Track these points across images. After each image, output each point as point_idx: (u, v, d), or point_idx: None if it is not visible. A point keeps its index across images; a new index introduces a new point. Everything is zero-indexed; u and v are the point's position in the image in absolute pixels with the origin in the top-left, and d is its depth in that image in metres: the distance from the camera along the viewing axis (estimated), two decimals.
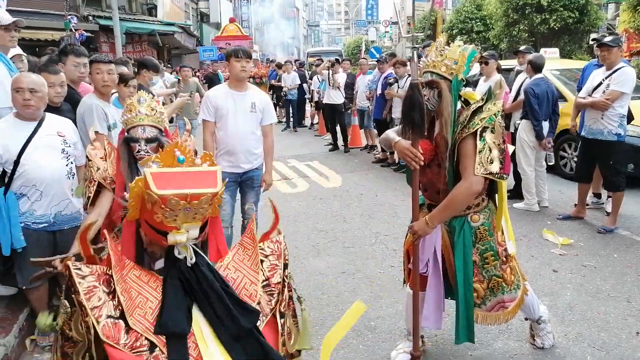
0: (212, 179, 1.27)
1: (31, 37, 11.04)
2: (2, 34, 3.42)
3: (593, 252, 4.47)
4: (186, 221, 1.26)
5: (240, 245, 1.50)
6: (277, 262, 1.50)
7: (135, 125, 2.37)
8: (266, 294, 1.44)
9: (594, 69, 5.44)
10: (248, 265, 1.45)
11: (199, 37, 26.08)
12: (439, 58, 2.47)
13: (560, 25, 14.05)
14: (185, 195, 1.21)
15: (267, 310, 1.43)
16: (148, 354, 1.26)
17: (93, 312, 1.26)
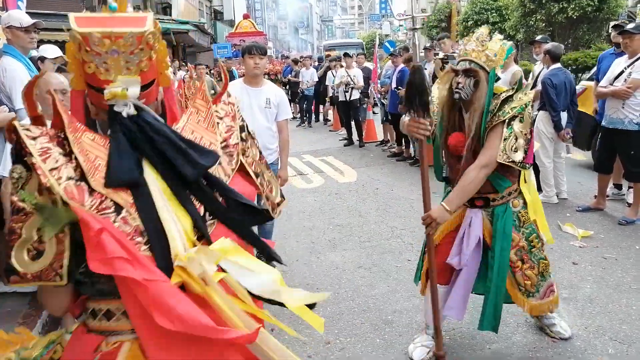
0: (141, 21, 1.18)
1: (49, 39, 11.21)
2: (22, 35, 3.49)
3: (614, 244, 4.40)
4: (119, 72, 1.17)
5: (194, 107, 1.42)
6: (232, 123, 1.43)
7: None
8: (226, 155, 1.38)
9: (611, 58, 5.33)
10: (204, 127, 1.38)
11: (213, 34, 26.23)
12: (479, 48, 2.49)
13: (579, 14, 13.78)
14: (108, 34, 1.12)
15: (228, 170, 1.37)
16: (115, 215, 1.18)
17: (52, 173, 1.14)
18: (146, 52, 1.18)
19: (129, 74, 1.18)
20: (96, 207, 1.16)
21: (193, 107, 1.42)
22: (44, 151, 1.17)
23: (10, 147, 1.21)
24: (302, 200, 6.22)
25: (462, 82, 2.48)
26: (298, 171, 7.87)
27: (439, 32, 17.97)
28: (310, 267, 4.22)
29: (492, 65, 2.49)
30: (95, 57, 1.15)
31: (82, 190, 1.16)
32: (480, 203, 2.68)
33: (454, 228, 2.76)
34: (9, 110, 3.28)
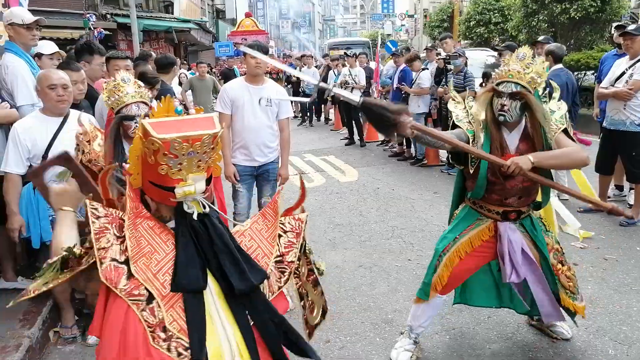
0: (210, 122, 1.24)
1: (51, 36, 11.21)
2: (24, 32, 3.49)
3: (615, 244, 4.39)
4: (191, 170, 1.22)
5: (262, 215, 1.43)
6: (294, 239, 1.42)
7: (127, 104, 2.46)
8: (277, 270, 1.37)
9: (613, 59, 5.33)
10: (265, 237, 1.39)
11: (215, 33, 26.22)
12: (526, 70, 2.45)
13: (581, 15, 13.73)
14: (187, 137, 1.18)
15: (275, 287, 1.35)
16: (145, 304, 1.22)
17: (99, 252, 1.23)
18: (214, 150, 1.25)
19: (198, 171, 1.24)
20: (129, 292, 1.22)
21: (261, 214, 1.45)
22: (101, 230, 1.26)
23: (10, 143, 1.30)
24: None
25: (507, 104, 2.44)
26: (299, 170, 7.87)
27: (441, 32, 17.95)
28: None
29: (536, 86, 2.47)
30: (171, 160, 1.19)
31: (120, 273, 1.23)
32: (513, 216, 2.68)
33: (484, 240, 2.72)
34: (11, 107, 3.28)
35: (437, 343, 3.04)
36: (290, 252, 1.40)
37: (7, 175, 2.89)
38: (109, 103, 2.54)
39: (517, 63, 2.46)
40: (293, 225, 1.44)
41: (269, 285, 1.33)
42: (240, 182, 3.79)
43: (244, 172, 3.81)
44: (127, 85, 2.51)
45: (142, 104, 2.52)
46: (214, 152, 1.25)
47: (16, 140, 2.88)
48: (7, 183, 2.89)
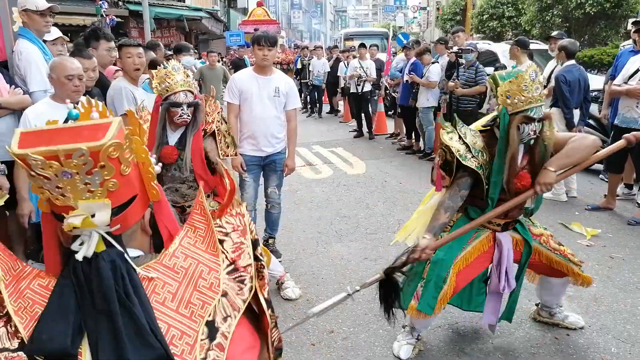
0: (100, 130, 0.90)
1: (63, 22, 11.27)
2: (38, 19, 3.52)
3: (622, 243, 4.38)
4: (80, 196, 0.90)
5: (189, 225, 1.11)
6: (241, 239, 1.11)
7: (176, 92, 2.63)
8: (234, 282, 1.06)
9: (629, 55, 5.26)
10: (202, 248, 1.07)
11: (226, 22, 26.18)
12: (540, 88, 2.50)
13: (597, 10, 13.57)
14: (51, 153, 0.86)
15: (238, 303, 1.04)
16: None
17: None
18: (110, 168, 0.90)
19: (92, 197, 0.91)
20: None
21: (189, 224, 1.11)
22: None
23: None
24: (310, 191, 6.24)
25: (535, 129, 2.48)
26: (307, 161, 7.89)
27: (454, 25, 17.78)
28: (316, 257, 4.25)
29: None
30: (44, 182, 0.90)
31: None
32: (512, 226, 2.75)
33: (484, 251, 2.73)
34: (24, 93, 3.32)
35: (440, 337, 3.06)
36: (242, 254, 1.10)
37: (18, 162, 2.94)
38: (159, 89, 2.70)
39: (537, 85, 2.46)
40: (233, 223, 1.13)
41: (231, 304, 1.03)
42: (247, 172, 3.83)
43: (250, 162, 3.84)
44: (177, 74, 2.67)
45: (189, 92, 2.68)
46: (108, 171, 0.90)
47: (27, 127, 2.92)
48: (18, 169, 2.94)
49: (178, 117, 2.67)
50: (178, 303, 0.99)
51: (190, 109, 2.70)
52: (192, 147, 2.81)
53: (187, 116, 2.70)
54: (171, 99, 2.66)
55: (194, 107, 2.73)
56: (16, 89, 3.28)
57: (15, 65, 3.45)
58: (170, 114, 2.72)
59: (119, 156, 0.91)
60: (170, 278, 1.01)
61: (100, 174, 0.90)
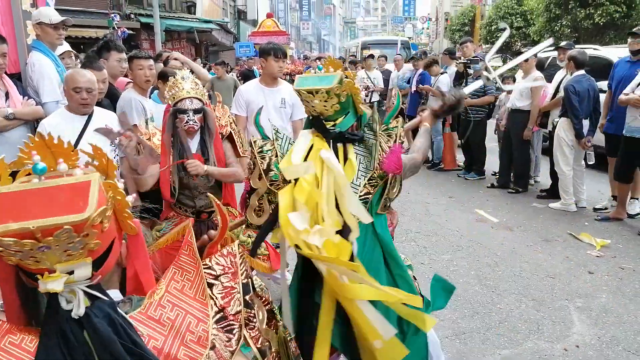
0: (78, 197, 0.80)
1: (76, 35, 11.47)
2: (51, 32, 3.59)
3: (632, 254, 4.33)
4: (57, 261, 0.82)
5: (177, 267, 1.02)
6: (231, 283, 1.04)
7: (182, 98, 2.69)
8: (222, 332, 0.99)
9: (626, 65, 5.26)
10: (191, 295, 0.99)
11: (236, 34, 26.47)
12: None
13: (606, 20, 13.53)
14: (30, 232, 0.76)
15: (225, 356, 0.97)
16: None
17: None
18: (93, 234, 0.82)
19: (71, 259, 0.83)
20: None
21: (176, 266, 1.04)
22: None
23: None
24: None
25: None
26: None
27: (462, 35, 17.83)
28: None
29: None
30: (16, 254, 0.80)
31: None
32: None
33: None
34: (37, 104, 3.39)
35: (447, 347, 3.04)
36: (231, 300, 1.03)
37: None
38: (168, 97, 2.76)
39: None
40: (224, 264, 1.06)
41: (219, 357, 0.96)
42: None
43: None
44: (185, 82, 2.75)
45: (196, 99, 2.73)
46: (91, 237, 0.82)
47: None
48: None
49: (184, 123, 2.70)
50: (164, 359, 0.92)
51: (197, 116, 2.73)
52: (215, 153, 2.86)
53: (193, 122, 2.72)
54: (177, 106, 2.71)
55: (202, 114, 2.76)
56: (29, 100, 3.34)
57: (29, 77, 3.53)
58: (178, 121, 2.77)
59: (102, 219, 0.84)
60: (156, 332, 0.93)
61: (83, 241, 0.82)
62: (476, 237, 4.82)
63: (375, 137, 1.95)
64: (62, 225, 0.77)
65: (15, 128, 3.24)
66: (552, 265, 4.15)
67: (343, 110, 1.94)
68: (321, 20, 62.24)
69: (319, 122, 1.95)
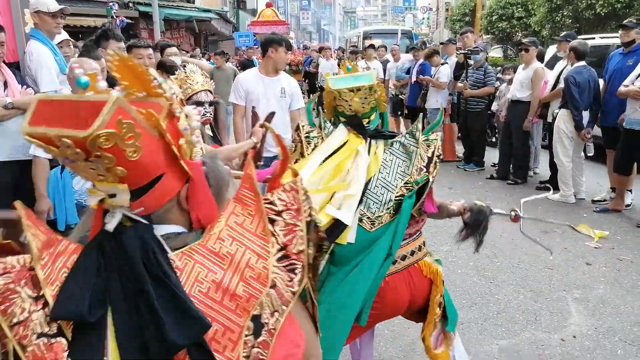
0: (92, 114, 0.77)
1: (75, 24, 11.39)
2: (49, 20, 3.57)
3: (630, 246, 4.35)
4: (94, 179, 0.84)
5: (237, 201, 0.97)
6: (294, 220, 0.96)
7: (198, 91, 2.75)
8: (284, 271, 0.93)
9: (619, 57, 5.27)
10: (251, 230, 0.94)
11: (235, 23, 26.30)
12: None
13: (607, 11, 13.45)
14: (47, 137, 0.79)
15: (287, 295, 0.92)
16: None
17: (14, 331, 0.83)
18: (108, 158, 0.79)
19: (105, 180, 0.84)
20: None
21: (236, 200, 0.97)
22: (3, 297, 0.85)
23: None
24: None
25: None
26: None
27: (463, 26, 17.73)
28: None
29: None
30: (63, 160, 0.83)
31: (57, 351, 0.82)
32: None
33: None
34: (34, 93, 3.37)
35: None
36: (294, 238, 0.95)
37: (36, 159, 2.98)
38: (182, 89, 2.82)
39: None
40: (286, 199, 0.98)
41: (280, 297, 0.91)
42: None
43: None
44: (196, 75, 2.79)
45: (209, 92, 2.80)
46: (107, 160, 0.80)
47: None
48: (37, 167, 2.98)
49: (202, 116, 2.77)
50: (222, 294, 0.88)
51: (211, 108, 2.81)
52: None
53: (209, 115, 2.80)
54: (194, 99, 2.77)
55: (214, 105, 2.84)
56: (28, 89, 3.33)
57: (27, 66, 3.51)
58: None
59: (116, 144, 0.78)
60: (216, 265, 0.89)
61: (100, 162, 0.80)
62: None
63: (417, 145, 2.03)
64: (60, 137, 0.77)
65: (13, 118, 3.23)
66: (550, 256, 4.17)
67: (374, 108, 2.05)
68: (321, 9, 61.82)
69: (357, 120, 2.02)
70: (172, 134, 0.86)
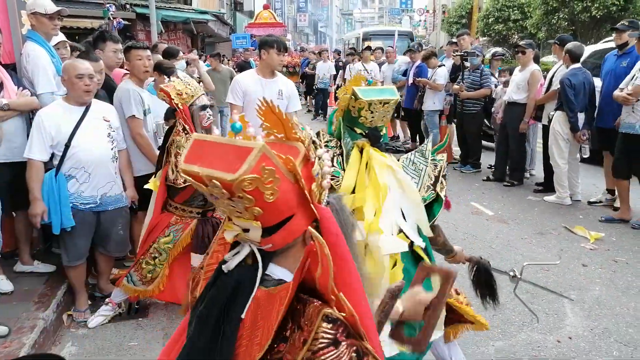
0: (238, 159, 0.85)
1: (71, 25, 11.36)
2: (46, 22, 3.57)
3: (625, 247, 4.37)
4: (232, 215, 0.93)
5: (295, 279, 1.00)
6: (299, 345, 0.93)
7: (199, 95, 2.78)
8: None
9: (614, 59, 5.31)
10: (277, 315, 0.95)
11: (233, 25, 26.29)
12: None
13: (603, 14, 13.52)
14: (199, 176, 0.88)
15: None
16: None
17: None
18: (249, 199, 0.87)
19: (241, 217, 0.92)
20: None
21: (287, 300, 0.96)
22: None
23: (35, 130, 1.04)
24: None
25: None
26: None
27: (459, 28, 17.77)
28: None
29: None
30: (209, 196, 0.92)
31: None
32: None
33: None
34: (31, 95, 3.37)
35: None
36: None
37: (31, 162, 2.97)
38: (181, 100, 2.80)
39: None
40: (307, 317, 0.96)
41: None
42: None
43: None
44: (193, 80, 2.84)
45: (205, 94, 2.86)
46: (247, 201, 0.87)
47: (40, 128, 2.95)
48: (31, 169, 2.97)
49: (206, 120, 2.79)
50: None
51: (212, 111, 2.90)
52: None
53: (212, 117, 2.86)
54: (197, 103, 2.78)
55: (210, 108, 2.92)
56: (24, 91, 3.32)
57: (23, 68, 3.50)
58: (200, 118, 2.82)
59: (257, 187, 0.86)
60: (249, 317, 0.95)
61: (241, 202, 0.88)
62: (471, 230, 4.84)
63: (427, 164, 2.05)
64: (211, 178, 0.86)
65: (9, 119, 3.22)
66: (546, 258, 4.18)
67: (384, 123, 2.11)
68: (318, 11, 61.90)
69: (377, 132, 2.05)
70: (306, 178, 0.92)
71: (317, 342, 0.90)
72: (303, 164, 0.92)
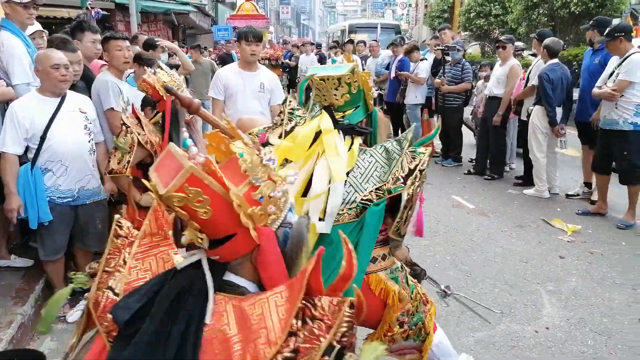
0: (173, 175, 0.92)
1: (47, 15, 11.09)
2: (21, 11, 3.47)
3: (601, 239, 4.47)
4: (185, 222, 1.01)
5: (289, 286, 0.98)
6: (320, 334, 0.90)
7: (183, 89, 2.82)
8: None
9: (589, 55, 5.44)
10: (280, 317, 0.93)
11: (214, 17, 25.98)
12: None
13: (581, 10, 13.74)
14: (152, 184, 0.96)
15: None
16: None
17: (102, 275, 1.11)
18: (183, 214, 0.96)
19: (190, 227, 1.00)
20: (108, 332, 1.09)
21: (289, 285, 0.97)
22: (117, 249, 1.16)
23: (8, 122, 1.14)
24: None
25: None
26: None
27: (441, 22, 17.86)
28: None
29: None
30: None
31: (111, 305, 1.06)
32: None
33: None
34: (6, 86, 3.29)
35: None
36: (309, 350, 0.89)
37: (5, 155, 2.89)
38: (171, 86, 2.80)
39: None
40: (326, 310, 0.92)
41: None
42: None
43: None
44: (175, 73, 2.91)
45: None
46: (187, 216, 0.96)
47: (14, 120, 2.88)
48: (5, 163, 2.89)
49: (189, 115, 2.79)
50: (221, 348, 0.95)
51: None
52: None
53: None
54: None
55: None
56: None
57: None
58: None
59: (187, 205, 0.92)
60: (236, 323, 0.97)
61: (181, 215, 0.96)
62: (452, 223, 4.90)
63: (401, 154, 1.90)
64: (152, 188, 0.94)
65: None
66: (525, 250, 4.26)
67: (353, 103, 1.98)
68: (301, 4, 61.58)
69: (329, 112, 1.99)
70: (249, 201, 0.96)
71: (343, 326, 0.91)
72: (248, 187, 0.96)
